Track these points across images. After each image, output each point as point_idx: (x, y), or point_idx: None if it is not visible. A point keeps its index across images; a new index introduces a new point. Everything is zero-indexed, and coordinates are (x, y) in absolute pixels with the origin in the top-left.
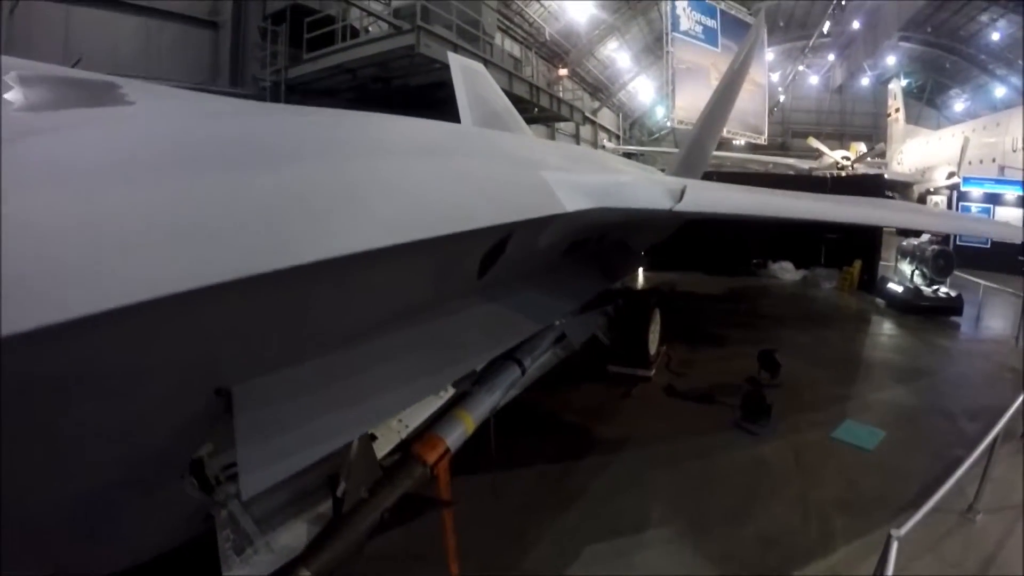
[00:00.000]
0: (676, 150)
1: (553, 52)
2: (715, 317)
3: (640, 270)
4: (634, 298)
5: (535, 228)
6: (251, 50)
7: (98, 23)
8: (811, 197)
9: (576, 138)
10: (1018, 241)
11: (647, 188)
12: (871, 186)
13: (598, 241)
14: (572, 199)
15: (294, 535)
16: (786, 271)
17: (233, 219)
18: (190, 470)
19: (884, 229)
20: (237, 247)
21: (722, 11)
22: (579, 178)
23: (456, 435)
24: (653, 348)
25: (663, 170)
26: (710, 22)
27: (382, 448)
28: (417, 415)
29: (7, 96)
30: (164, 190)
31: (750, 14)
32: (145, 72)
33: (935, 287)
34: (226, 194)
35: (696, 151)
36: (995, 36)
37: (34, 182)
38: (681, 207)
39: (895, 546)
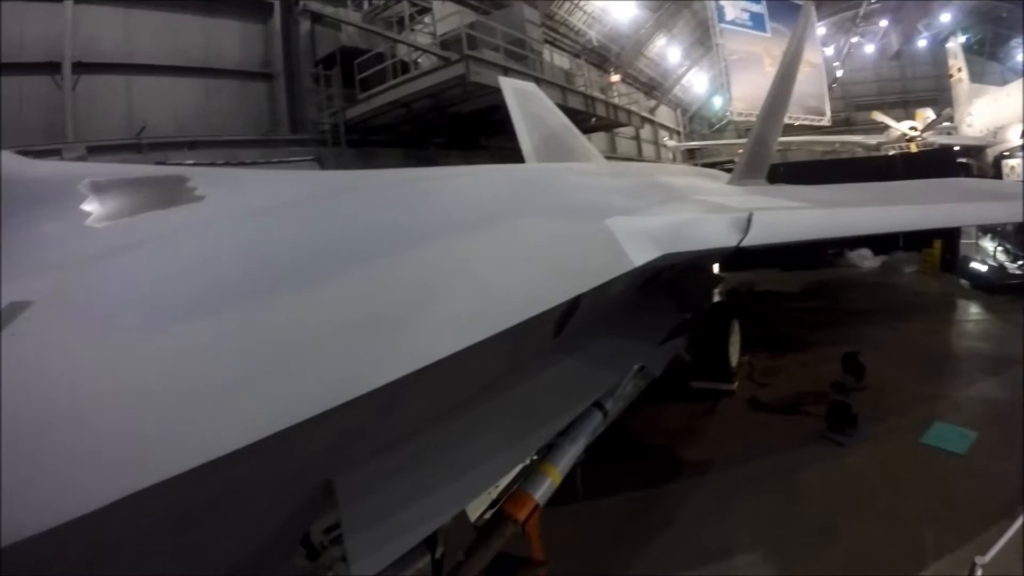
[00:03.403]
0: (738, 141)
1: (602, 57)
2: (795, 318)
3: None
4: (712, 311)
5: (607, 285)
6: (306, 96)
7: (158, 88)
8: (883, 191)
9: (636, 140)
10: None
11: (712, 225)
12: (943, 162)
13: (670, 269)
14: (640, 250)
15: None
16: (864, 259)
17: (325, 343)
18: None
19: None
20: (337, 371)
21: None
22: (644, 223)
23: (544, 489)
24: (734, 360)
25: (729, 164)
26: (756, 7)
27: (474, 509)
28: None
29: (84, 207)
30: (253, 315)
31: None
32: (207, 129)
33: (1021, 262)
34: (312, 314)
35: (760, 147)
36: None
37: (144, 314)
38: (748, 242)
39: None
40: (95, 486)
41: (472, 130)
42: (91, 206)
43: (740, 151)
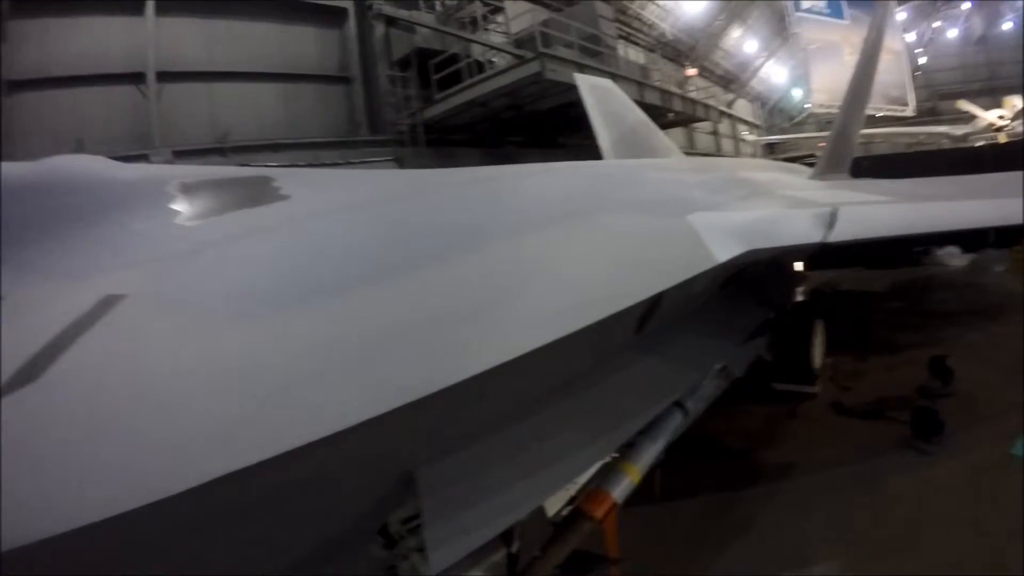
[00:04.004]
0: (819, 134)
1: (677, 51)
2: (880, 319)
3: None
4: (795, 310)
5: (689, 282)
6: (384, 97)
7: (239, 94)
8: (972, 184)
9: (714, 135)
10: None
11: (796, 221)
12: None
13: (752, 267)
14: (723, 247)
15: None
16: (952, 257)
17: (409, 335)
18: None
19: None
20: (422, 364)
21: None
22: (727, 218)
23: (622, 488)
24: (817, 361)
25: (810, 158)
26: None
27: (552, 505)
28: None
29: (173, 207)
30: (341, 307)
31: None
32: (289, 133)
33: None
34: (398, 307)
35: (841, 140)
36: None
37: (235, 307)
38: (833, 238)
39: None
40: (186, 468)
41: (549, 128)
42: (180, 206)
43: (821, 145)
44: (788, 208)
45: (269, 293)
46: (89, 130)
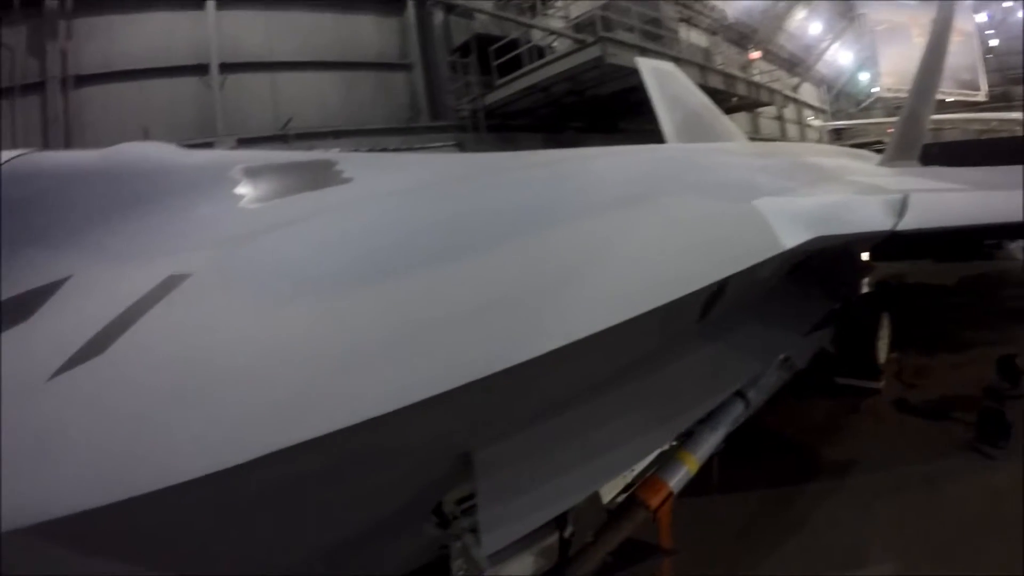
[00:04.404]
0: (887, 120)
1: (740, 34)
2: (948, 314)
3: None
4: (861, 302)
5: (755, 269)
6: (444, 84)
7: (301, 83)
8: None
9: (779, 120)
10: None
11: (865, 207)
12: None
13: (819, 254)
14: (790, 233)
15: (521, 566)
16: None
17: (471, 316)
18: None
19: None
20: (482, 345)
21: None
22: (794, 204)
23: (679, 477)
24: (882, 356)
25: (878, 144)
26: None
27: (607, 492)
28: None
29: (238, 190)
30: (405, 286)
31: None
32: (350, 120)
33: None
34: (462, 287)
35: (911, 125)
36: None
37: (298, 286)
38: (903, 226)
39: None
40: (245, 441)
41: (610, 113)
42: (244, 189)
43: (889, 131)
44: (857, 194)
45: (331, 273)
46: (155, 121)
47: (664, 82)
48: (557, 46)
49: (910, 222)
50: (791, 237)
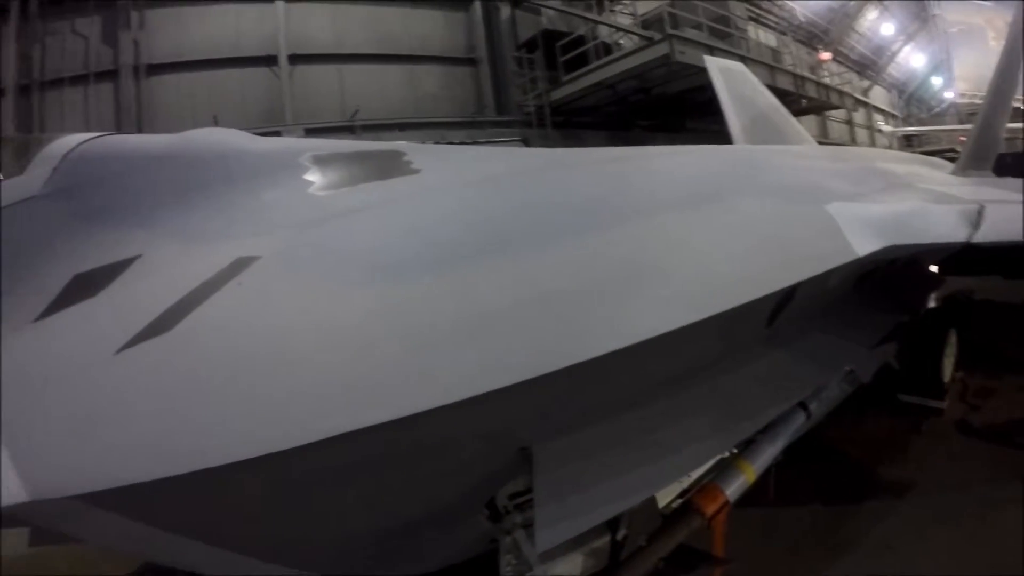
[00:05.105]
0: (961, 127)
1: (811, 34)
2: (1017, 334)
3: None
4: (928, 317)
5: (826, 276)
6: (511, 79)
7: (368, 75)
8: None
9: (849, 124)
10: None
11: (940, 217)
12: None
13: (890, 264)
14: (862, 240)
15: (570, 566)
16: None
17: (536, 311)
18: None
19: None
20: (547, 341)
21: None
22: (867, 210)
23: (736, 486)
24: (947, 375)
25: (950, 152)
26: None
27: (663, 496)
28: None
29: (306, 177)
30: (473, 278)
31: None
32: (416, 113)
33: None
34: (530, 281)
35: (985, 133)
36: None
37: (364, 272)
38: (979, 238)
39: None
40: (304, 424)
41: (677, 112)
42: (313, 176)
43: (962, 139)
44: (931, 203)
45: (398, 262)
46: (224, 109)
47: (732, 82)
48: (624, 43)
49: (986, 234)
50: (864, 244)
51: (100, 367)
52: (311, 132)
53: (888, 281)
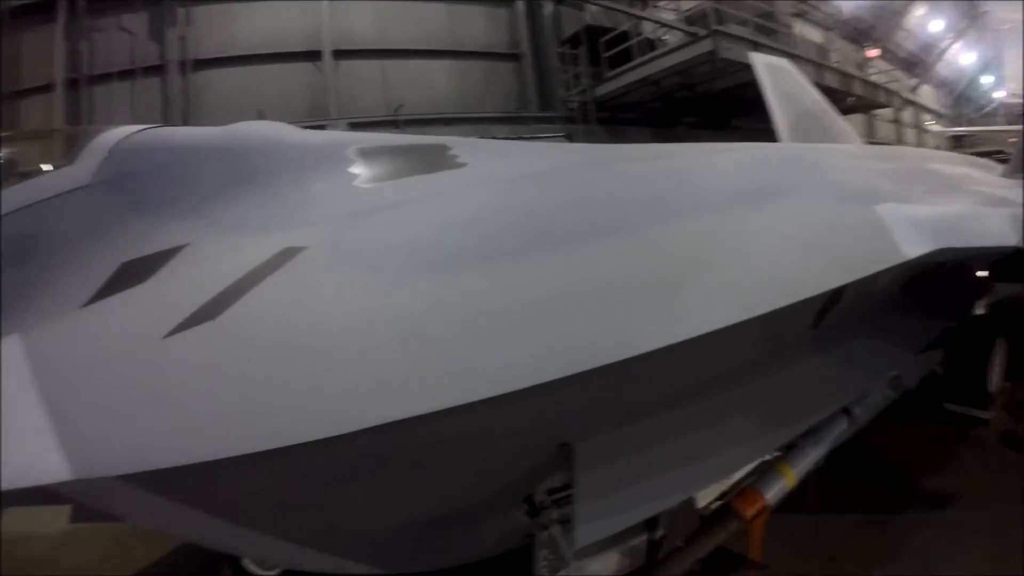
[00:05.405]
0: (1010, 128)
1: (857, 30)
2: None
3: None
4: (976, 324)
5: (874, 278)
6: (554, 75)
7: (411, 71)
8: None
9: (896, 123)
10: None
11: (992, 219)
12: None
13: (938, 268)
14: (912, 242)
15: (605, 564)
16: None
17: (581, 306)
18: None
19: None
20: (592, 336)
21: None
22: (917, 211)
23: (776, 490)
24: (994, 385)
25: (1000, 154)
26: None
27: (702, 497)
28: None
29: (352, 170)
30: (518, 272)
31: None
32: (459, 108)
33: None
34: (575, 276)
35: None
36: None
37: (409, 263)
38: None
39: None
40: (346, 413)
41: (723, 109)
42: (359, 169)
43: (1012, 140)
44: (981, 206)
45: (442, 254)
46: (269, 105)
47: (778, 79)
48: (669, 39)
49: None
50: (914, 247)
51: (147, 351)
52: (355, 127)
53: (935, 285)
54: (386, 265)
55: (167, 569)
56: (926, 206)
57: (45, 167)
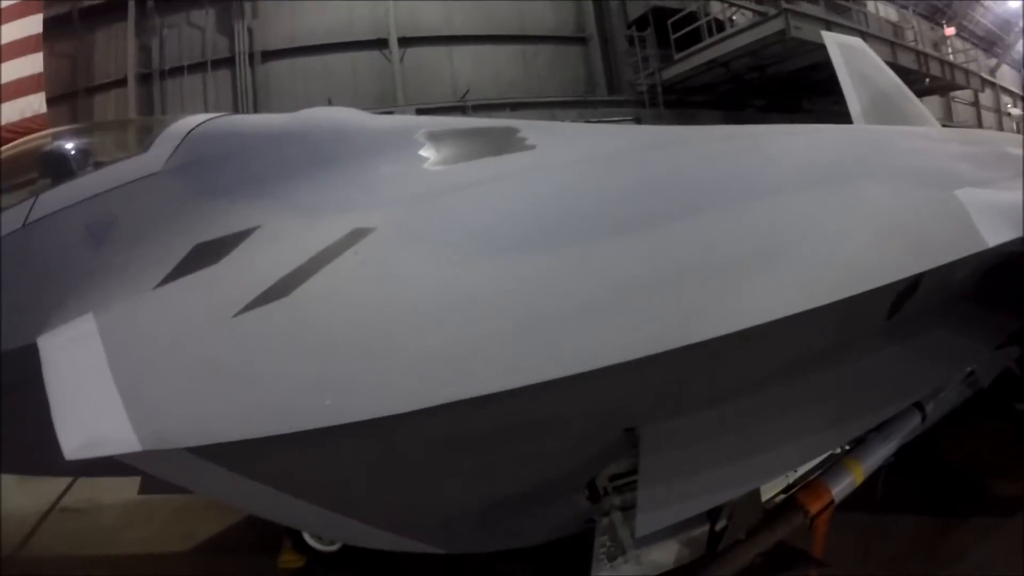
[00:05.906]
0: None
1: (933, 7)
2: None
3: None
4: None
5: (953, 266)
6: (622, 58)
7: (478, 56)
8: None
9: (975, 106)
10: None
11: None
12: None
13: (1019, 257)
14: (994, 229)
15: (665, 553)
16: None
17: (651, 289)
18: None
19: None
20: (662, 320)
21: None
22: (999, 197)
23: (843, 486)
24: None
25: None
26: None
27: (766, 489)
28: None
29: (421, 153)
30: (589, 254)
31: None
32: (526, 93)
33: None
34: (646, 259)
35: None
36: None
37: (479, 245)
38: None
39: None
40: (415, 391)
41: (794, 91)
42: (428, 152)
43: None
44: None
45: (512, 236)
46: (337, 92)
47: (852, 59)
48: (737, 19)
49: None
50: (995, 234)
51: (218, 328)
52: (423, 113)
53: (1015, 277)
54: (455, 245)
55: (230, 541)
56: (1009, 192)
57: (119, 156)
